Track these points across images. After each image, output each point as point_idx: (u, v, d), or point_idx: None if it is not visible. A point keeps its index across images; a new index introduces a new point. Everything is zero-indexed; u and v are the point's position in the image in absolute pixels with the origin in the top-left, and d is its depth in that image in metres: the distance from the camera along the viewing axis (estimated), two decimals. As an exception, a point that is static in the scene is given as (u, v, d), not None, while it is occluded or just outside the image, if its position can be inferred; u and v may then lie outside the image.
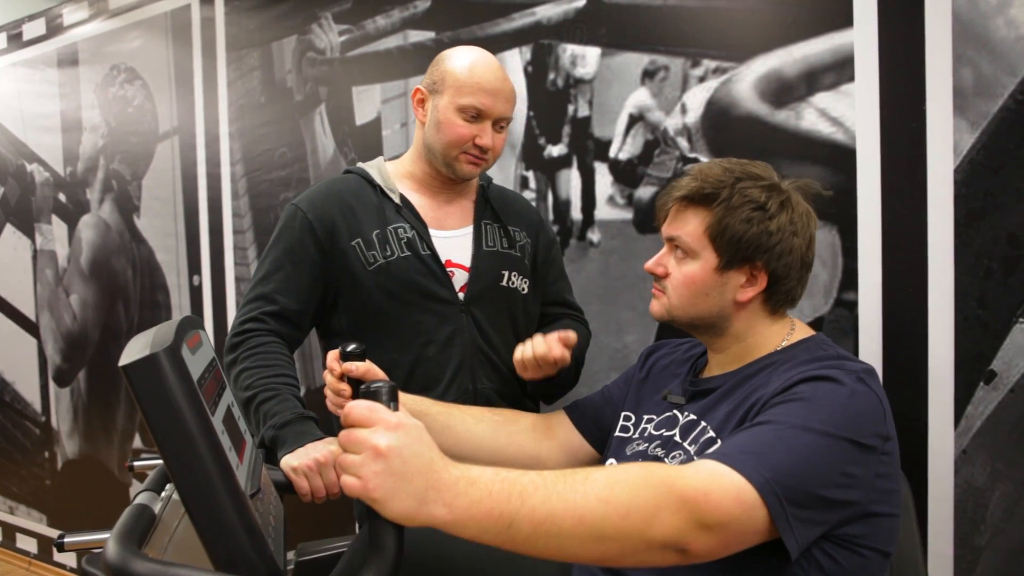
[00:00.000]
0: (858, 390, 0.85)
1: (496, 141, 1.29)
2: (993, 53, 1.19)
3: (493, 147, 1.29)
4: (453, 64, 1.29)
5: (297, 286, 1.28)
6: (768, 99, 1.40)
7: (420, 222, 1.31)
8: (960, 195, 1.22)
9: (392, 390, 0.72)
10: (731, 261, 0.97)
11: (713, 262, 0.98)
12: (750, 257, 0.96)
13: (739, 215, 0.95)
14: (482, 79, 1.26)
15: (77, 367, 2.74)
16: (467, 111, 1.26)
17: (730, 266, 0.97)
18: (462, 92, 1.26)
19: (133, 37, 2.48)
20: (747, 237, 0.95)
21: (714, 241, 0.97)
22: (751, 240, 0.95)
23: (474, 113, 1.26)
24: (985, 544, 1.22)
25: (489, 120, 1.27)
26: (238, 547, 0.72)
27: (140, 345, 0.73)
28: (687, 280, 0.99)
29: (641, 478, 0.73)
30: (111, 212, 2.59)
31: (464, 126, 1.26)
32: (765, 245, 0.96)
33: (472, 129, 1.26)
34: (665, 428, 1.02)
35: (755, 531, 0.76)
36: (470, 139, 1.27)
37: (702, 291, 0.99)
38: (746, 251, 0.96)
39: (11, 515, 3.04)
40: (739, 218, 0.95)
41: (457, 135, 1.27)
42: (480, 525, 0.67)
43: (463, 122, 1.26)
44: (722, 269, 0.97)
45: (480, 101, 1.25)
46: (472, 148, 1.27)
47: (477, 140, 1.27)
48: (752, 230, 0.95)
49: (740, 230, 0.95)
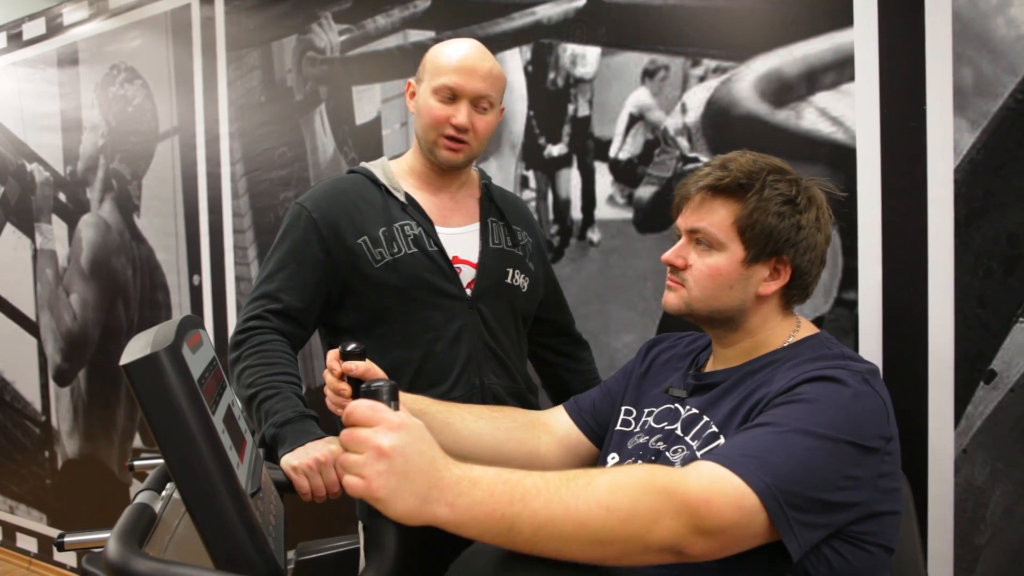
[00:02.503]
0: (862, 391, 0.85)
1: (476, 122, 1.28)
2: (993, 52, 1.18)
3: (473, 128, 1.28)
4: (432, 52, 1.31)
5: (302, 285, 1.28)
6: (768, 99, 1.40)
7: (426, 219, 1.31)
8: (960, 194, 1.22)
9: (393, 389, 0.72)
10: (759, 254, 0.96)
11: (740, 254, 0.96)
12: (778, 251, 0.96)
13: (770, 208, 0.95)
14: (453, 59, 1.27)
15: (77, 366, 2.74)
16: (441, 92, 1.26)
17: (757, 259, 0.96)
18: (436, 74, 1.27)
19: (133, 36, 2.47)
20: (778, 231, 0.94)
21: (743, 233, 0.96)
22: (781, 234, 0.95)
23: (448, 94, 1.26)
24: (985, 543, 1.22)
25: (465, 99, 1.26)
26: (238, 546, 0.72)
27: (141, 344, 0.73)
28: (712, 272, 0.98)
29: (643, 484, 0.73)
30: (111, 211, 2.58)
31: (439, 107, 1.26)
32: (793, 240, 0.95)
33: (447, 110, 1.26)
34: (666, 421, 1.02)
35: (755, 535, 0.77)
36: (446, 120, 1.26)
37: (726, 284, 0.97)
38: (775, 245, 0.95)
39: (11, 514, 3.03)
40: (770, 211, 0.94)
41: (432, 117, 1.27)
42: (481, 526, 0.68)
43: (438, 104, 1.26)
44: (749, 262, 0.96)
45: (452, 80, 1.25)
46: (449, 130, 1.27)
47: (452, 120, 1.26)
48: (784, 224, 0.95)
49: (771, 223, 0.94)
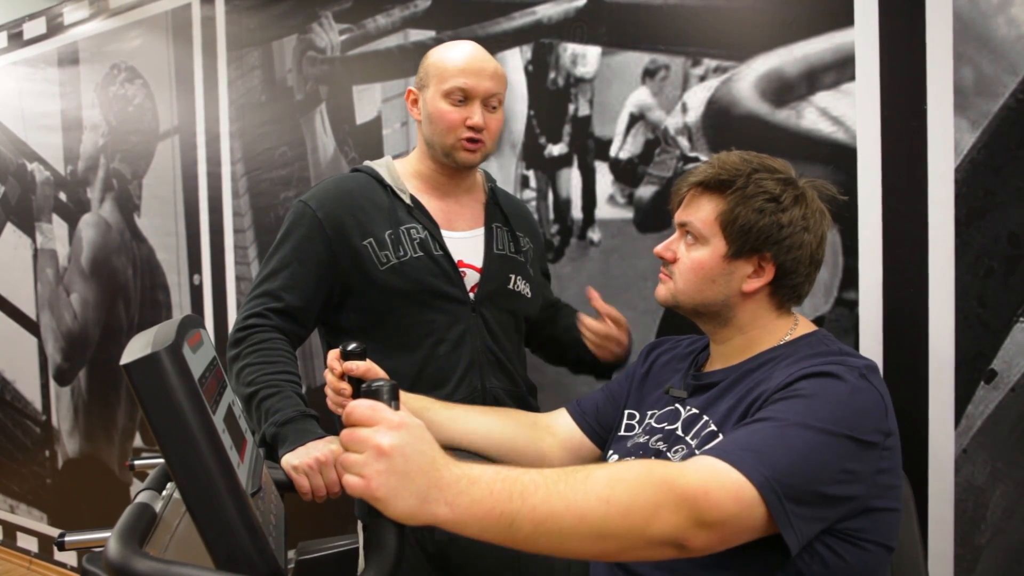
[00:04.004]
0: (860, 387, 0.85)
1: (489, 121, 1.29)
2: (994, 52, 1.18)
3: (487, 127, 1.29)
4: (433, 56, 1.31)
5: (303, 283, 1.28)
6: (769, 98, 1.40)
7: (432, 222, 1.31)
8: (961, 194, 1.22)
9: (393, 389, 0.72)
10: (740, 250, 0.97)
11: (722, 249, 0.98)
12: (759, 248, 0.96)
13: (752, 205, 0.96)
14: (459, 61, 1.27)
15: (78, 366, 2.74)
16: (453, 95, 1.26)
17: (739, 255, 0.97)
18: (444, 78, 1.27)
19: (134, 36, 2.47)
20: (757, 227, 0.95)
21: (724, 228, 0.97)
22: (761, 230, 0.95)
23: (460, 96, 1.27)
24: (985, 543, 1.22)
25: (477, 100, 1.27)
26: (239, 546, 0.72)
27: (141, 344, 0.73)
28: (695, 265, 1.00)
29: (642, 476, 0.73)
30: (111, 211, 2.58)
31: (453, 111, 1.27)
32: (775, 237, 0.96)
33: (462, 112, 1.27)
34: (667, 422, 1.03)
35: (754, 528, 0.77)
36: (461, 122, 1.27)
37: (708, 277, 0.99)
38: (755, 241, 0.96)
39: (12, 514, 3.04)
40: (751, 208, 0.95)
41: (448, 121, 1.27)
42: (481, 524, 0.68)
43: (451, 107, 1.27)
44: (730, 258, 0.97)
45: (463, 82, 1.26)
46: (465, 131, 1.27)
47: (468, 121, 1.27)
48: (763, 221, 0.95)
49: (751, 219, 0.95)
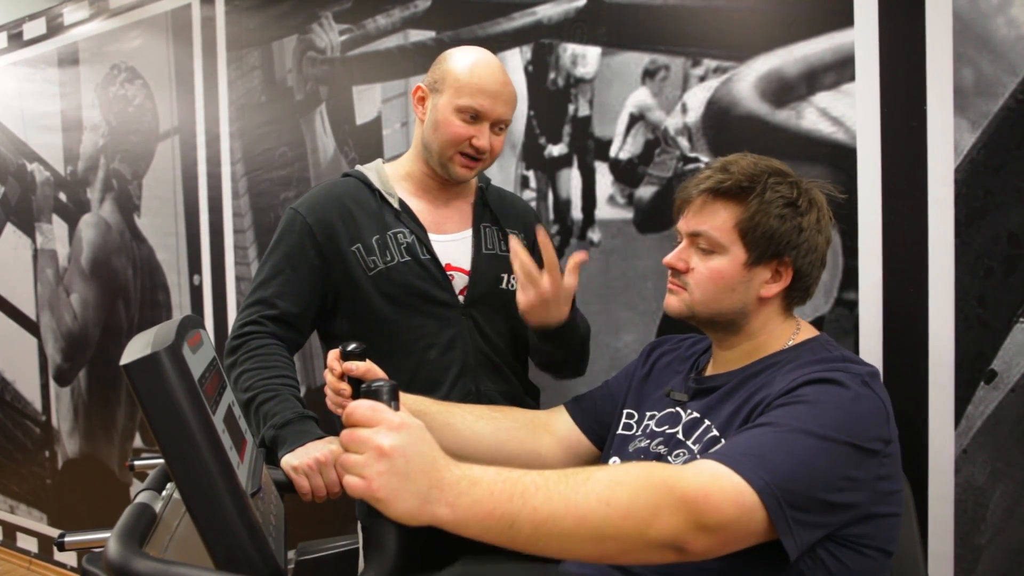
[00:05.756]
0: (862, 394, 0.85)
1: (494, 143, 1.29)
2: (994, 52, 1.18)
3: (491, 149, 1.29)
4: (454, 64, 1.28)
5: (297, 290, 1.28)
6: (769, 98, 1.40)
7: (419, 226, 1.31)
8: (961, 194, 1.22)
9: (393, 389, 0.72)
10: (760, 257, 0.96)
11: (742, 257, 0.97)
12: (779, 253, 0.96)
13: (771, 211, 0.95)
14: (482, 81, 1.26)
15: (77, 366, 2.74)
16: (465, 112, 1.26)
17: (759, 262, 0.97)
18: (461, 92, 1.26)
19: (134, 36, 2.47)
20: (780, 233, 0.95)
21: (744, 236, 0.96)
22: (783, 236, 0.95)
23: (472, 114, 1.26)
24: (985, 543, 1.22)
25: (487, 122, 1.27)
26: (239, 546, 0.72)
27: (141, 344, 0.73)
28: (714, 275, 0.98)
29: (642, 479, 0.73)
30: (111, 211, 2.58)
31: (461, 126, 1.26)
32: (795, 242, 0.96)
33: (469, 130, 1.26)
34: (668, 425, 1.02)
35: (754, 532, 0.77)
36: (467, 139, 1.26)
37: (728, 286, 0.98)
38: (777, 247, 0.95)
39: (11, 514, 3.04)
40: (771, 214, 0.95)
41: (454, 134, 1.26)
42: (482, 524, 0.68)
43: (460, 122, 1.26)
44: (751, 265, 0.97)
45: (479, 103, 1.25)
46: (468, 148, 1.27)
47: (474, 141, 1.26)
48: (785, 226, 0.95)
49: (773, 226, 0.95)
